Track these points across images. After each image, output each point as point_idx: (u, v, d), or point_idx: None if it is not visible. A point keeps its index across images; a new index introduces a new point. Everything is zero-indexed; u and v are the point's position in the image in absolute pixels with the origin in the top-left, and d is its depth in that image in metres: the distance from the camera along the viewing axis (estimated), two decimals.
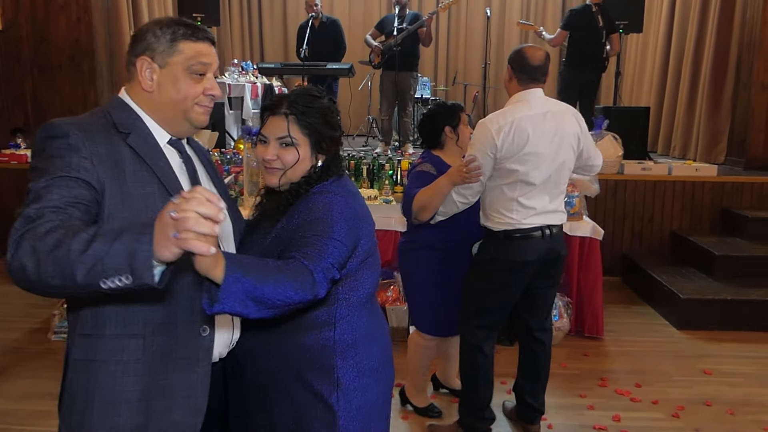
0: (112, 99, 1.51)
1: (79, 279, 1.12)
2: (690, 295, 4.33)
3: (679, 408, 3.24)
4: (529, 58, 2.65)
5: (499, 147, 2.58)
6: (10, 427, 3.00)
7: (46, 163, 1.32)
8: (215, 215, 1.03)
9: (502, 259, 2.69)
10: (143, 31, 1.44)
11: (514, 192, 2.64)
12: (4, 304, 4.57)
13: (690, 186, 5.41)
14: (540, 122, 2.61)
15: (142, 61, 1.42)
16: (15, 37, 6.24)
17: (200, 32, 1.46)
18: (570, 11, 6.34)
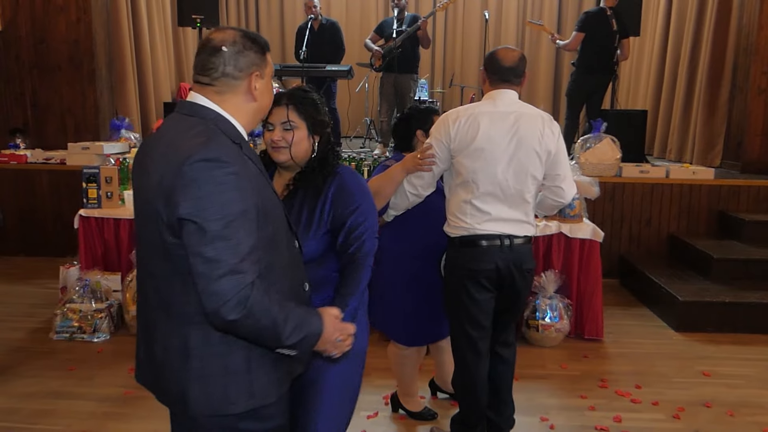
0: (199, 108, 1.52)
1: (273, 345, 1.50)
2: (688, 298, 4.37)
3: (679, 409, 3.28)
4: (501, 59, 2.59)
5: (453, 137, 2.53)
6: (14, 425, 3.01)
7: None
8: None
9: (458, 266, 2.60)
10: (240, 47, 1.52)
11: (468, 193, 2.53)
12: (5, 304, 4.58)
13: (687, 189, 5.45)
14: (499, 120, 2.52)
15: (253, 75, 1.55)
16: (14, 37, 6.25)
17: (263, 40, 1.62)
18: (585, 14, 6.33)
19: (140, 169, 1.55)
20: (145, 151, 1.57)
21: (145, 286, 1.58)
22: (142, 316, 1.62)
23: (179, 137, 1.46)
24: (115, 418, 3.09)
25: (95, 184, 4.35)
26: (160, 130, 1.56)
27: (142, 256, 1.58)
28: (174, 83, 8.41)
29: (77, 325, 4.01)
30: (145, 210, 1.50)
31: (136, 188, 1.56)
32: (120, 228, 4.31)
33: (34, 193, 5.80)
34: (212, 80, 1.52)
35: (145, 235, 1.53)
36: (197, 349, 1.50)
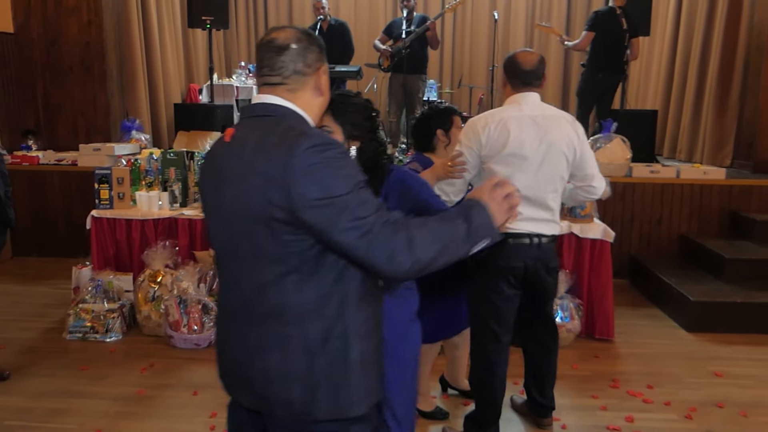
0: (275, 108, 1.53)
1: (465, 250, 1.47)
2: (699, 298, 4.35)
3: (691, 409, 3.26)
4: (521, 63, 2.64)
5: (483, 143, 2.58)
6: (29, 424, 3.03)
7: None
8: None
9: (488, 264, 2.64)
10: (307, 42, 1.56)
11: None
12: (18, 304, 4.62)
13: (698, 189, 5.43)
14: (527, 125, 2.58)
15: (321, 70, 1.58)
16: (26, 39, 6.30)
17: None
18: (595, 13, 6.32)
19: (225, 178, 1.52)
20: (226, 162, 1.53)
21: (249, 301, 1.52)
22: (243, 337, 1.54)
23: (270, 137, 1.45)
24: (128, 417, 3.10)
25: (107, 185, 4.37)
26: (238, 137, 1.53)
27: (242, 269, 1.52)
28: (184, 85, 8.45)
29: (90, 325, 4.04)
30: (244, 219, 1.47)
31: (220, 201, 1.53)
32: (132, 228, 4.34)
33: (46, 194, 5.84)
34: (284, 78, 1.53)
35: (246, 246, 1.49)
36: (319, 347, 1.49)
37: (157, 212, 4.34)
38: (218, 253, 1.63)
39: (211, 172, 1.58)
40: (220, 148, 1.59)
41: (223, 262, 1.61)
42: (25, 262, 5.73)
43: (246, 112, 1.59)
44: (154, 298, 4.08)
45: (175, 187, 4.45)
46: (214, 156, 1.61)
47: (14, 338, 4.01)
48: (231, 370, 1.61)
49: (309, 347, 1.48)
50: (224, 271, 1.61)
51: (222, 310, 1.66)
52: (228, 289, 1.60)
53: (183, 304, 3.94)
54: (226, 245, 1.56)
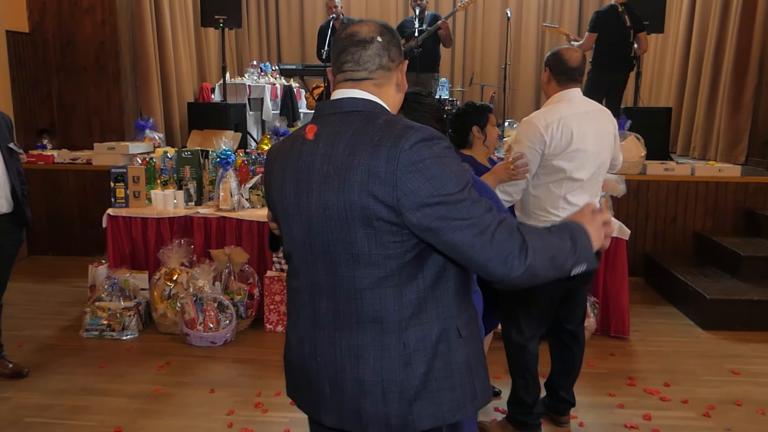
0: (366, 102, 1.45)
1: (566, 269, 1.40)
2: (716, 296, 4.33)
3: (709, 407, 3.25)
4: (568, 60, 2.72)
5: (548, 143, 2.64)
6: (49, 421, 3.06)
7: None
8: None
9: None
10: (390, 36, 1.49)
11: (561, 189, 2.69)
12: (35, 303, 4.65)
13: (713, 186, 5.39)
14: (584, 120, 2.68)
15: (402, 65, 1.53)
16: (41, 39, 6.34)
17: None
18: (596, 13, 6.33)
19: (312, 177, 1.42)
20: (311, 160, 1.43)
21: (342, 309, 1.43)
22: (334, 347, 1.45)
23: (369, 131, 1.37)
24: (147, 415, 3.13)
25: (123, 184, 4.40)
26: (324, 134, 1.43)
27: (334, 275, 1.42)
28: (196, 84, 8.48)
29: (106, 323, 4.07)
30: (341, 220, 1.37)
31: (306, 202, 1.43)
32: (147, 227, 4.36)
33: (61, 192, 5.88)
34: (370, 73, 1.46)
35: (341, 249, 1.40)
36: (418, 353, 1.40)
37: (172, 210, 4.36)
38: (299, 258, 1.49)
39: (291, 173, 1.46)
40: (299, 147, 1.47)
41: (306, 267, 1.48)
42: (41, 261, 5.77)
43: (328, 109, 1.48)
44: (170, 296, 4.11)
45: (190, 186, 4.47)
46: (290, 155, 1.48)
47: (32, 336, 4.04)
48: (313, 384, 1.50)
49: (409, 355, 1.40)
50: (306, 276, 1.49)
51: (301, 318, 1.53)
52: (313, 297, 1.48)
53: (199, 302, 3.96)
54: (314, 249, 1.44)
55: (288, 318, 1.60)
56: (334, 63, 1.50)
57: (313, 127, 1.46)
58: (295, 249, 1.50)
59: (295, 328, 1.55)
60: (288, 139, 1.54)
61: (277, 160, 1.52)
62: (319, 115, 1.49)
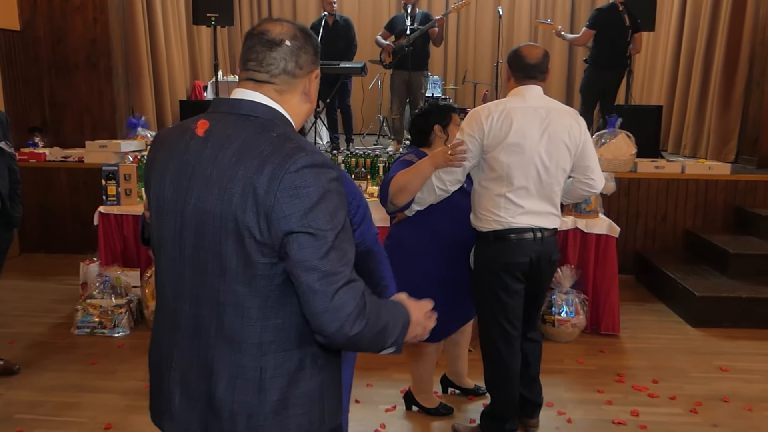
0: (264, 109, 1.37)
1: (381, 347, 1.37)
2: (705, 293, 4.36)
3: (696, 404, 3.28)
4: (526, 56, 2.65)
5: (486, 132, 2.56)
6: (39, 417, 3.06)
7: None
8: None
9: (494, 260, 2.64)
10: (303, 42, 1.40)
11: (502, 187, 2.59)
12: (27, 300, 4.65)
13: (703, 184, 5.43)
14: (530, 115, 2.58)
15: (312, 74, 1.43)
16: (33, 37, 6.32)
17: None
18: (597, 10, 6.33)
19: (194, 176, 1.34)
20: (197, 158, 1.34)
21: (204, 318, 1.35)
22: (195, 354, 1.37)
23: (260, 142, 1.29)
24: (137, 411, 3.13)
25: (114, 182, 4.40)
26: (215, 133, 1.35)
27: (201, 282, 1.34)
28: (189, 81, 8.48)
29: (98, 321, 4.07)
30: (215, 228, 1.30)
31: (184, 199, 1.35)
32: (139, 225, 4.35)
33: (53, 190, 5.87)
34: (272, 77, 1.37)
35: (211, 257, 1.31)
36: (274, 379, 1.34)
37: None
38: (167, 256, 1.40)
39: (174, 167, 1.37)
40: (187, 141, 1.38)
41: (172, 267, 1.39)
42: (33, 259, 5.76)
43: (225, 107, 1.40)
44: None
45: None
46: (176, 146, 1.39)
47: (23, 333, 4.04)
48: (164, 389, 1.44)
49: (264, 381, 1.34)
50: (171, 277, 1.40)
51: (163, 318, 1.45)
52: (176, 299, 1.40)
53: None
54: (183, 251, 1.36)
55: (155, 312, 1.54)
56: (240, 59, 1.43)
57: (204, 123, 1.37)
58: (163, 246, 1.41)
59: (158, 325, 1.49)
60: (177, 128, 1.45)
61: (162, 148, 1.42)
62: (214, 110, 1.40)
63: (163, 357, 1.45)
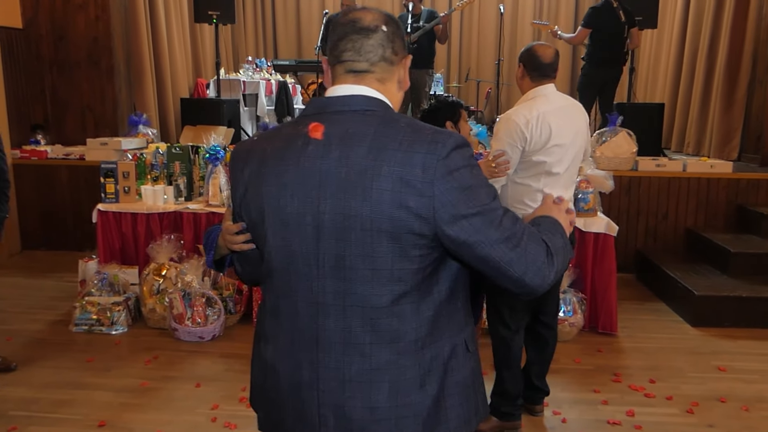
0: (377, 102, 1.32)
1: (568, 260, 1.39)
2: (704, 292, 4.33)
3: (693, 404, 3.26)
4: (541, 56, 2.76)
5: (528, 140, 2.68)
6: (34, 414, 3.07)
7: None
8: None
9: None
10: (395, 27, 1.35)
11: (539, 183, 2.74)
12: (26, 297, 4.67)
13: (705, 183, 5.39)
14: (561, 115, 2.73)
15: (409, 58, 1.40)
16: (35, 35, 6.34)
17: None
18: (592, 9, 6.31)
19: (322, 182, 1.25)
20: (319, 163, 1.26)
21: (350, 329, 1.28)
22: (338, 372, 1.30)
23: (393, 134, 1.24)
24: (131, 409, 3.14)
25: (113, 179, 4.41)
26: (335, 134, 1.27)
27: (344, 291, 1.27)
28: (191, 79, 8.49)
29: (96, 318, 4.08)
30: (360, 232, 1.23)
31: (311, 209, 1.26)
32: (137, 222, 4.37)
33: (54, 188, 5.89)
34: (371, 65, 1.32)
35: (358, 264, 1.25)
36: (432, 373, 1.31)
37: (162, 206, 4.37)
38: (301, 273, 1.30)
39: (292, 177, 1.28)
40: (302, 147, 1.29)
41: (304, 284, 1.31)
42: (34, 256, 5.79)
43: (334, 106, 1.32)
44: (158, 291, 4.12)
45: (180, 181, 4.48)
46: (288, 155, 1.30)
47: (21, 330, 4.06)
48: (309, 416, 1.33)
49: (424, 376, 1.30)
50: (304, 295, 1.31)
51: (293, 343, 1.34)
52: (314, 318, 1.31)
53: (187, 298, 3.97)
54: (321, 263, 1.28)
55: (263, 342, 1.41)
56: (331, 51, 1.34)
57: (318, 125, 1.28)
58: (292, 264, 1.31)
59: (282, 353, 1.36)
60: (277, 136, 1.35)
61: (267, 160, 1.32)
62: (320, 111, 1.32)
63: (302, 383, 1.33)
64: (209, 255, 1.55)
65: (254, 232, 1.39)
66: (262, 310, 1.43)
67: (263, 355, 1.41)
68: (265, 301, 1.42)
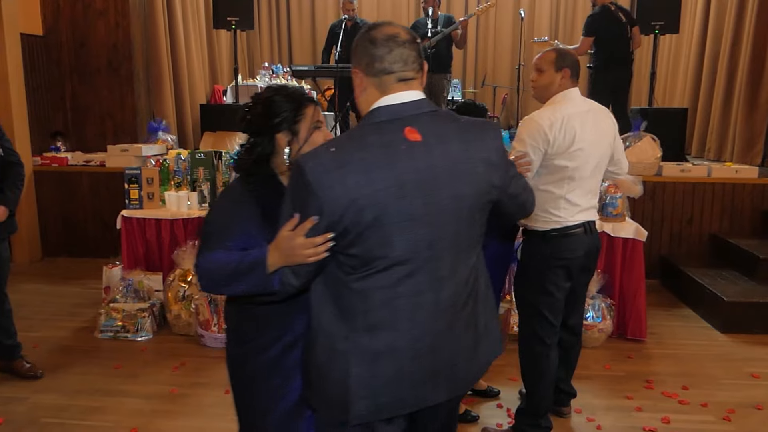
0: (429, 104, 1.56)
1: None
2: (734, 298, 4.27)
3: (729, 411, 3.20)
4: (577, 60, 2.77)
5: (552, 142, 2.62)
6: (66, 422, 3.06)
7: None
8: None
9: (554, 257, 2.74)
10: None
11: (562, 189, 2.68)
12: (50, 304, 4.66)
13: (730, 188, 5.34)
14: (585, 119, 2.68)
15: (425, 64, 1.61)
16: (56, 42, 6.38)
17: None
18: (590, 17, 6.21)
19: (435, 177, 1.47)
20: (428, 160, 1.47)
21: (457, 294, 1.57)
22: (451, 330, 1.57)
23: (464, 127, 1.55)
24: (162, 416, 3.12)
25: (137, 185, 4.41)
26: (431, 134, 1.49)
27: (455, 264, 1.54)
28: (208, 85, 8.50)
29: (121, 324, 4.07)
30: (466, 210, 1.53)
31: (431, 200, 1.47)
32: (161, 228, 4.36)
33: (75, 194, 5.90)
34: (416, 73, 1.54)
35: (464, 238, 1.55)
36: (486, 315, 1.69)
37: (186, 212, 4.36)
38: (421, 258, 1.50)
39: (410, 177, 1.45)
40: (406, 150, 1.46)
41: (429, 265, 1.51)
42: (56, 263, 5.79)
43: (408, 111, 1.51)
44: (184, 297, 4.10)
45: (203, 187, 4.47)
46: (399, 161, 1.45)
47: (47, 337, 4.06)
48: (428, 375, 1.57)
49: (486, 319, 1.68)
50: (429, 273, 1.51)
51: (415, 322, 1.53)
52: (437, 291, 1.53)
53: (213, 304, 3.96)
54: (442, 243, 1.51)
55: (367, 337, 1.52)
56: (376, 64, 1.50)
57: (412, 129, 1.48)
58: (415, 252, 1.49)
59: (404, 333, 1.53)
60: (365, 146, 1.46)
61: (372, 168, 1.43)
62: (398, 117, 1.50)
63: (424, 352, 1.54)
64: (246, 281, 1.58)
65: (359, 234, 1.46)
66: (362, 309, 1.52)
67: (371, 347, 1.53)
68: (373, 298, 1.51)
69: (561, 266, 2.74)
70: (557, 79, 2.74)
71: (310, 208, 1.44)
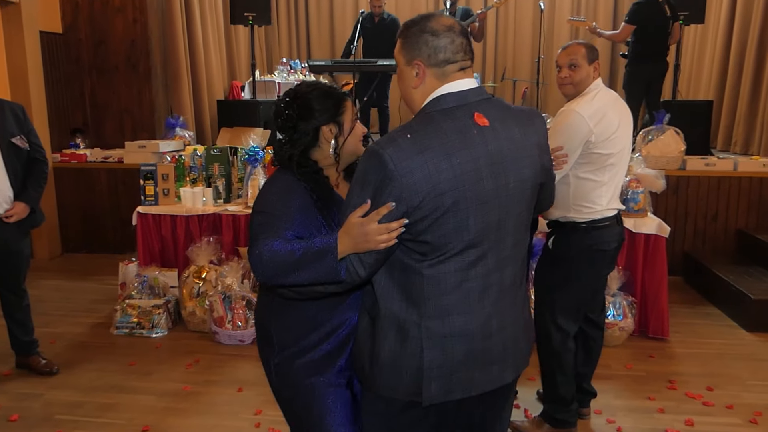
0: (486, 90, 1.64)
1: None
2: (762, 296, 4.15)
3: (756, 414, 3.10)
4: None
5: (595, 132, 2.62)
6: (79, 419, 3.06)
7: None
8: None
9: (593, 248, 2.72)
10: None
11: (604, 175, 2.67)
12: (67, 300, 4.69)
13: (757, 182, 5.19)
14: (617, 107, 2.72)
15: None
16: (74, 39, 6.40)
17: None
18: (635, 4, 6.10)
19: (504, 159, 1.52)
20: (497, 144, 1.51)
21: (515, 271, 1.64)
22: (514, 306, 1.65)
23: (516, 113, 1.60)
24: (175, 413, 3.10)
25: (152, 182, 4.40)
26: (496, 118, 1.54)
27: (516, 244, 1.61)
28: (226, 81, 8.50)
29: (136, 321, 4.07)
30: (528, 191, 1.59)
31: (502, 182, 1.52)
32: (177, 224, 4.35)
33: (94, 191, 5.93)
34: (472, 62, 1.60)
35: (524, 219, 1.62)
36: (526, 293, 1.75)
37: (201, 208, 4.35)
38: (491, 240, 1.54)
39: (484, 161, 1.49)
40: (478, 135, 1.50)
41: (497, 245, 1.56)
42: (74, 259, 5.83)
43: (471, 97, 1.55)
44: (198, 294, 4.09)
45: (218, 183, 4.45)
46: (472, 144, 1.49)
47: (65, 333, 4.07)
48: (496, 355, 1.61)
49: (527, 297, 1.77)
50: (496, 253, 1.56)
51: (484, 302, 1.57)
52: (502, 271, 1.59)
53: (227, 300, 3.93)
54: (508, 224, 1.56)
55: (439, 322, 1.54)
56: (438, 54, 1.53)
57: (480, 115, 1.52)
58: (486, 234, 1.53)
59: (475, 315, 1.56)
60: (438, 132, 1.48)
61: (452, 153, 1.46)
62: (465, 103, 1.54)
63: (493, 331, 1.59)
64: (314, 269, 1.52)
65: (436, 220, 1.47)
66: (434, 293, 1.53)
67: (443, 331, 1.54)
68: (446, 282, 1.53)
69: (601, 257, 2.75)
70: (591, 72, 2.73)
71: (386, 194, 1.45)
